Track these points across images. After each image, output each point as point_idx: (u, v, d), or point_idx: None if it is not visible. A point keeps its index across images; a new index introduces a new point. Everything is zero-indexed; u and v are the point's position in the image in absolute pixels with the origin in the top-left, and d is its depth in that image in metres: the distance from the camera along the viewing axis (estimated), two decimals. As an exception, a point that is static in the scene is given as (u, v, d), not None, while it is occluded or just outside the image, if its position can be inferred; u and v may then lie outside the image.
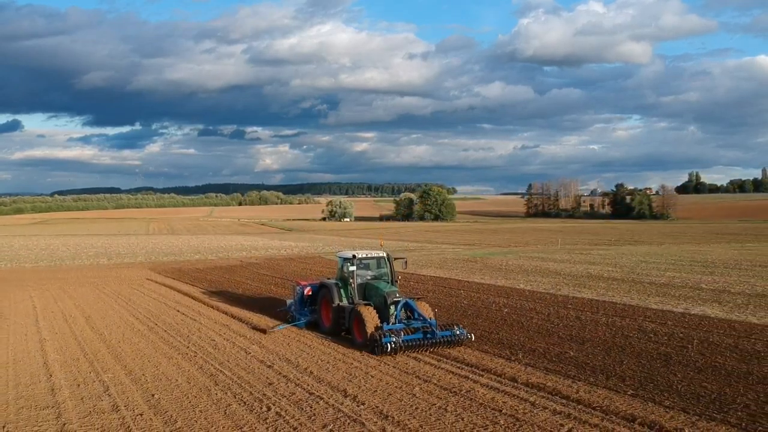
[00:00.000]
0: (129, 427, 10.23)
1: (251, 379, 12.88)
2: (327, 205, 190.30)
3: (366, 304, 15.98)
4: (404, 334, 14.81)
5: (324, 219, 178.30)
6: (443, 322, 16.22)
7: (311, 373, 13.33)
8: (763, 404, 10.63)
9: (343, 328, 16.65)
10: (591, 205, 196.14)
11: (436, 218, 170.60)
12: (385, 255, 17.80)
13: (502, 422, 10.02)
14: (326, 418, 10.41)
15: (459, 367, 13.49)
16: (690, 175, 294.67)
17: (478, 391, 11.63)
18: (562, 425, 9.79)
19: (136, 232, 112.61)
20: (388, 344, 14.39)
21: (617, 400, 10.95)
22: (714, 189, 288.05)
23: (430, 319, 15.53)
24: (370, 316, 15.39)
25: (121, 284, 30.59)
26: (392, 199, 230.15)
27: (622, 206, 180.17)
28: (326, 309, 17.51)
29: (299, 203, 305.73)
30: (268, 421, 10.34)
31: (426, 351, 14.73)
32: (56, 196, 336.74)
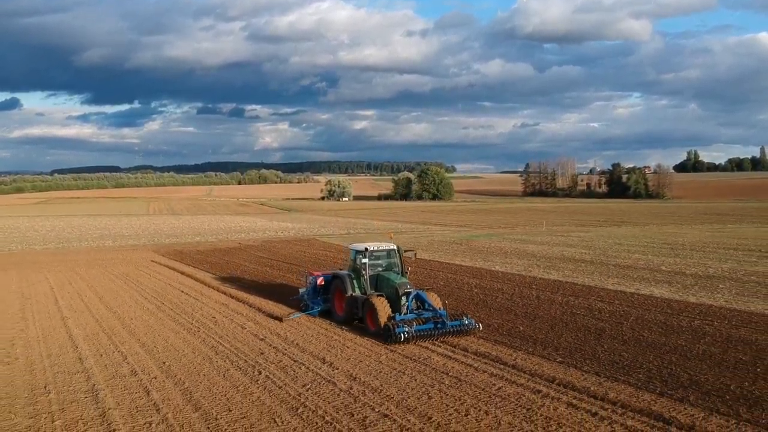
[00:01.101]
0: (146, 387, 12.62)
1: (246, 350, 15.29)
2: (326, 185, 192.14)
3: (378, 295, 16.67)
4: (416, 324, 15.49)
5: (323, 198, 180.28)
6: (450, 311, 16.67)
7: (297, 344, 15.74)
8: (661, 368, 13.01)
9: (355, 317, 17.33)
10: (588, 184, 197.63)
11: (434, 197, 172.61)
12: (395, 247, 18.55)
13: (447, 382, 12.42)
14: (306, 379, 12.82)
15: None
16: (688, 153, 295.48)
17: (432, 359, 14.03)
18: (494, 384, 12.19)
19: (136, 212, 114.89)
20: (402, 334, 15.05)
21: (545, 366, 13.33)
22: (712, 168, 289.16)
23: (440, 309, 16.26)
24: (383, 307, 16.08)
25: (127, 266, 32.99)
26: (391, 178, 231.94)
27: (619, 185, 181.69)
28: (339, 299, 18.19)
29: (298, 182, 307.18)
30: (259, 382, 12.75)
31: (435, 340, 15.42)
32: (56, 175, 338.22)
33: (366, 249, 17.81)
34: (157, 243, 47.71)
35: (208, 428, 10.40)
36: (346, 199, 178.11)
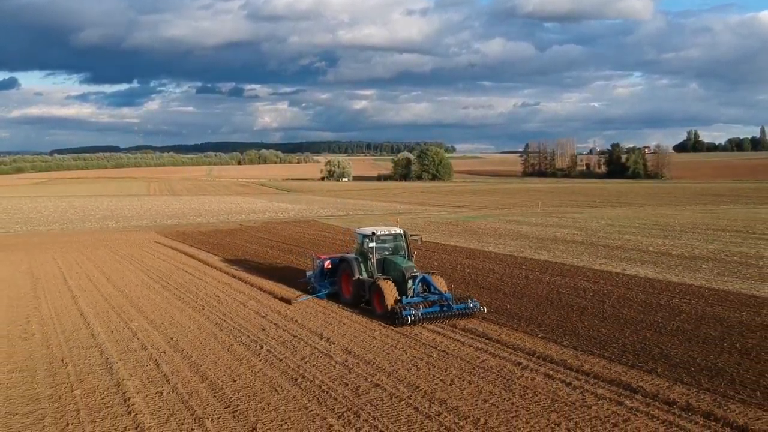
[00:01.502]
0: (156, 360, 13.60)
1: (248, 326, 16.27)
2: (326, 165, 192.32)
3: (385, 279, 16.99)
4: (422, 308, 15.86)
5: (323, 179, 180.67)
6: (455, 294, 17.12)
7: (296, 321, 16.72)
8: (635, 343, 13.97)
9: (362, 300, 17.72)
10: (587, 165, 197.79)
11: (434, 178, 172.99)
12: (401, 232, 18.85)
13: (434, 355, 13.41)
14: (304, 353, 13.80)
15: (415, 317, 16.83)
16: (688, 133, 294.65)
17: (422, 334, 15.01)
18: (478, 357, 13.18)
19: (137, 193, 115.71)
20: (408, 317, 15.42)
21: (528, 341, 14.31)
22: (712, 148, 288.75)
23: (446, 292, 16.63)
24: (390, 290, 16.43)
25: (132, 247, 33.93)
26: (391, 158, 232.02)
27: (618, 166, 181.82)
28: (346, 282, 18.57)
29: (298, 162, 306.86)
30: (261, 355, 13.73)
31: (441, 323, 15.80)
32: (55, 155, 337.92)
33: (373, 233, 18.16)
34: (160, 224, 48.61)
35: (215, 397, 11.38)
36: (346, 179, 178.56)
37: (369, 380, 11.96)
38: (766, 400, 10.64)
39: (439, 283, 17.04)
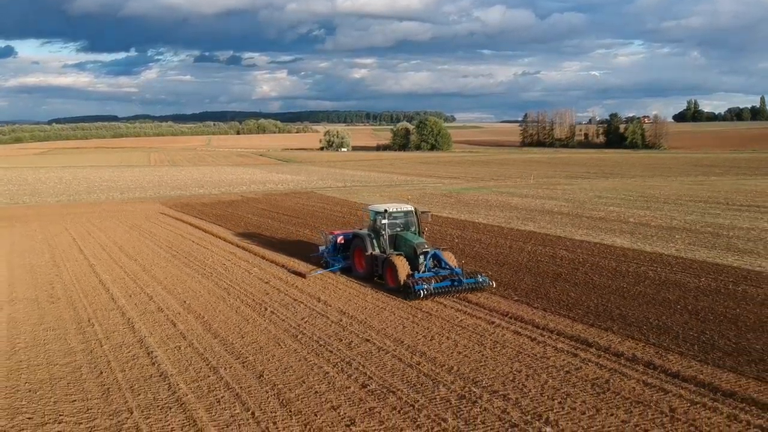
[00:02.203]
0: (172, 320, 15.32)
1: (253, 291, 17.98)
2: (324, 135, 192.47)
3: (398, 254, 17.63)
4: (434, 282, 16.45)
5: (322, 149, 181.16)
6: (465, 269, 17.78)
7: (296, 286, 18.44)
8: (599, 306, 15.68)
9: (375, 274, 18.40)
10: (586, 135, 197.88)
11: (433, 148, 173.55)
12: (412, 209, 19.46)
13: (419, 316, 15.13)
14: (304, 314, 15.54)
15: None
16: (688, 102, 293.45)
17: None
18: (456, 317, 14.92)
19: (137, 163, 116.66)
20: (421, 291, 16.06)
21: (503, 304, 16.01)
22: (711, 117, 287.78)
23: (456, 267, 17.35)
24: (402, 265, 17.10)
25: (139, 218, 35.52)
26: (390, 128, 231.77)
27: (616, 136, 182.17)
28: (359, 257, 19.20)
29: (297, 132, 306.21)
30: (265, 316, 15.46)
31: (452, 297, 16.45)
32: (54, 124, 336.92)
33: (385, 210, 18.74)
34: (163, 195, 50.11)
35: (226, 350, 13.12)
36: (345, 149, 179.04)
37: (360, 336, 13.71)
38: (701, 352, 12.37)
39: (450, 259, 17.71)
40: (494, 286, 17.13)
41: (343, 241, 20.45)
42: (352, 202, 41.66)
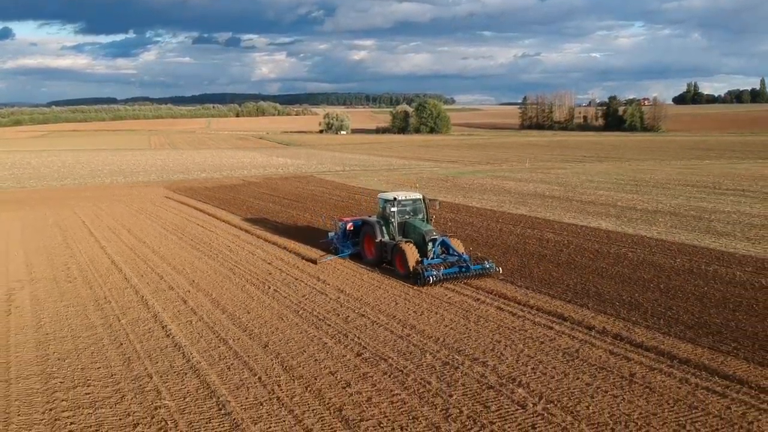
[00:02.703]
0: (183, 298, 16.57)
1: (257, 271, 19.22)
2: (324, 118, 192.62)
3: (407, 241, 18.12)
4: (443, 268, 17.04)
5: (321, 131, 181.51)
6: (472, 256, 18.55)
7: (297, 267, 19.68)
8: (578, 284, 16.92)
9: (384, 260, 18.87)
10: (585, 117, 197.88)
11: (432, 131, 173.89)
12: (421, 197, 20.02)
13: (410, 293, 16.39)
14: (304, 291, 16.79)
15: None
16: (688, 85, 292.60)
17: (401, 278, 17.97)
18: (445, 295, 16.17)
19: (138, 146, 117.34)
20: (430, 277, 16.58)
21: (489, 282, 17.23)
22: (711, 100, 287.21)
23: (463, 254, 17.89)
24: (412, 252, 17.59)
25: (144, 202, 36.67)
26: (390, 110, 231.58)
27: (615, 118, 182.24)
28: (369, 243, 19.66)
29: (296, 114, 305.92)
30: (268, 293, 16.72)
31: (460, 282, 17.01)
32: (53, 107, 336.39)
33: (395, 199, 19.26)
34: (167, 179, 51.18)
35: (234, 324, 14.38)
36: (345, 132, 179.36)
37: (356, 311, 14.97)
38: (665, 326, 13.63)
39: (458, 246, 18.26)
40: (501, 272, 17.61)
41: (352, 228, 20.83)
42: (350, 186, 42.78)
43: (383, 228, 19.30)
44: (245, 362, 12.07)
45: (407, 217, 19.52)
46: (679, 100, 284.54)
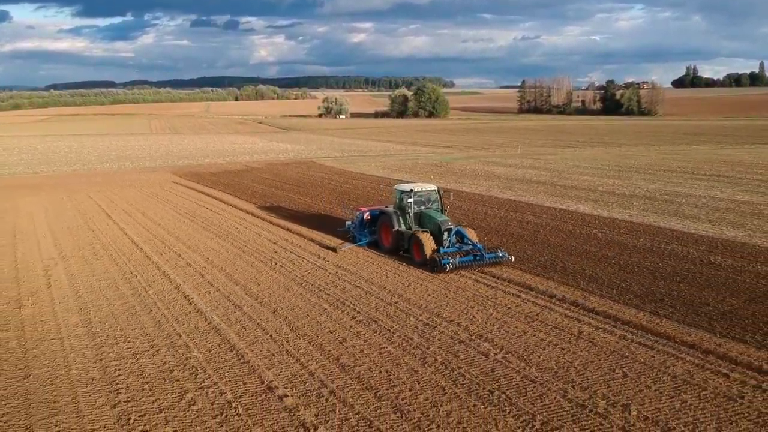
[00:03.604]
0: (200, 272, 18.84)
1: (264, 249, 21.48)
2: (323, 102, 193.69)
3: (423, 231, 18.94)
4: (459, 257, 17.90)
5: (320, 116, 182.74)
6: (486, 245, 19.44)
7: (300, 246, 21.93)
8: (548, 260, 19.17)
9: (401, 249, 19.77)
10: (583, 101, 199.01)
11: (430, 115, 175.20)
12: (435, 188, 21.04)
13: (401, 268, 18.65)
14: (307, 267, 19.07)
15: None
16: (687, 68, 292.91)
17: (391, 257, 20.22)
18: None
19: (139, 131, 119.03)
20: (447, 265, 17.47)
21: (470, 259, 19.49)
22: (710, 83, 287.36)
23: (477, 243, 18.89)
24: (428, 241, 18.44)
25: (154, 187, 38.82)
26: (389, 93, 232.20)
27: (612, 102, 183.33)
28: (386, 232, 20.60)
29: (295, 98, 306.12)
30: (275, 269, 18.99)
31: (474, 270, 17.90)
32: (52, 90, 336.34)
33: (411, 190, 20.19)
34: (172, 165, 53.26)
35: (246, 294, 16.66)
36: (343, 116, 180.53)
37: (352, 284, 17.26)
38: (617, 295, 15.89)
39: (472, 235, 19.30)
40: (513, 259, 18.56)
41: (369, 218, 21.74)
42: (348, 172, 44.92)
43: (400, 218, 20.12)
44: (258, 324, 14.37)
45: (423, 207, 20.34)
46: (678, 83, 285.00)
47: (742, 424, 9.75)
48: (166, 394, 11.07)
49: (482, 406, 10.35)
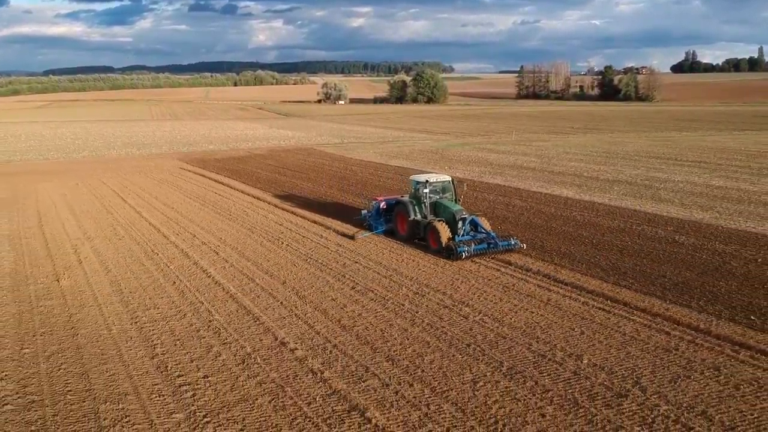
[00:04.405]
0: (215, 250, 20.90)
1: (271, 230, 23.54)
2: (322, 87, 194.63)
3: (439, 220, 19.78)
4: (474, 245, 18.79)
5: (319, 101, 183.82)
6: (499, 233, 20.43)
7: (303, 227, 23.99)
8: (527, 239, 21.14)
9: (417, 237, 20.64)
10: (581, 87, 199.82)
11: (429, 101, 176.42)
12: (450, 179, 22.03)
13: (395, 247, 20.72)
14: (311, 245, 21.15)
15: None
16: (687, 53, 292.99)
17: (386, 238, 22.28)
18: (421, 248, 20.52)
19: (140, 117, 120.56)
20: (463, 253, 18.42)
21: (458, 238, 21.56)
22: (709, 68, 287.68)
23: (491, 232, 19.74)
24: (444, 230, 19.30)
25: (163, 173, 40.76)
26: (388, 78, 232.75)
27: (610, 88, 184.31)
28: (402, 221, 21.45)
29: (294, 83, 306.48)
30: (282, 247, 21.07)
31: (488, 257, 18.87)
32: (50, 76, 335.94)
33: (427, 181, 21.16)
34: (178, 151, 55.12)
35: (258, 268, 18.73)
36: (342, 102, 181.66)
37: (351, 260, 19.35)
38: (585, 268, 17.97)
39: (485, 224, 20.16)
40: (525, 247, 19.56)
41: (385, 207, 22.72)
42: (348, 158, 46.86)
43: (416, 207, 20.99)
44: (270, 293, 16.47)
45: (437, 197, 21.25)
46: (677, 68, 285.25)
47: (673, 369, 11.87)
48: (195, 348, 13.19)
49: (460, 356, 12.48)
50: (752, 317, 14.18)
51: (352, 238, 21.99)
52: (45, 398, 11.21)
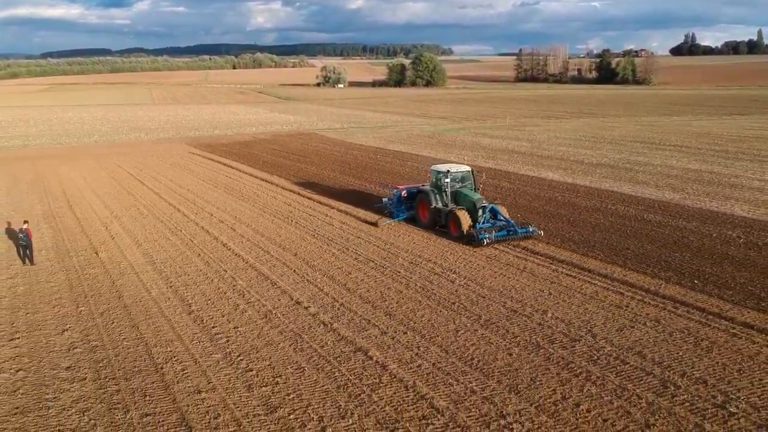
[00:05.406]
0: (232, 227, 23.36)
1: (281, 210, 25.99)
2: (321, 71, 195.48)
3: (460, 208, 20.68)
4: (494, 232, 19.83)
5: (319, 85, 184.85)
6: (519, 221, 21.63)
7: (310, 207, 26.44)
8: (511, 217, 23.66)
9: (438, 224, 21.65)
10: (579, 70, 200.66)
11: (428, 84, 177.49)
12: (469, 169, 22.94)
13: (393, 225, 23.21)
14: (318, 223, 23.63)
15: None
16: (686, 36, 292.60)
17: (383, 222, 24.75)
18: (417, 230, 22.99)
19: (141, 101, 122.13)
20: (484, 240, 19.46)
21: (449, 217, 24.03)
22: (708, 51, 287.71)
23: (510, 219, 20.75)
24: (465, 218, 20.28)
25: (174, 157, 43.06)
26: (387, 61, 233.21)
27: (608, 71, 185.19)
28: (423, 209, 22.42)
29: (293, 66, 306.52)
30: (292, 224, 23.55)
31: (507, 244, 19.88)
32: (48, 59, 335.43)
33: (448, 171, 22.08)
34: (185, 136, 57.31)
35: (271, 242, 21.21)
36: (341, 86, 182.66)
37: (354, 235, 21.85)
38: (560, 242, 20.45)
39: (504, 212, 21.08)
40: (542, 234, 20.60)
41: (406, 195, 23.69)
42: (348, 143, 49.14)
43: (437, 196, 21.94)
44: (284, 263, 18.98)
45: (458, 186, 22.15)
46: (676, 51, 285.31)
47: (621, 320, 14.39)
48: (224, 306, 15.73)
49: (446, 312, 15.02)
50: (695, 281, 16.72)
51: (375, 225, 23.16)
52: (106, 344, 13.75)
